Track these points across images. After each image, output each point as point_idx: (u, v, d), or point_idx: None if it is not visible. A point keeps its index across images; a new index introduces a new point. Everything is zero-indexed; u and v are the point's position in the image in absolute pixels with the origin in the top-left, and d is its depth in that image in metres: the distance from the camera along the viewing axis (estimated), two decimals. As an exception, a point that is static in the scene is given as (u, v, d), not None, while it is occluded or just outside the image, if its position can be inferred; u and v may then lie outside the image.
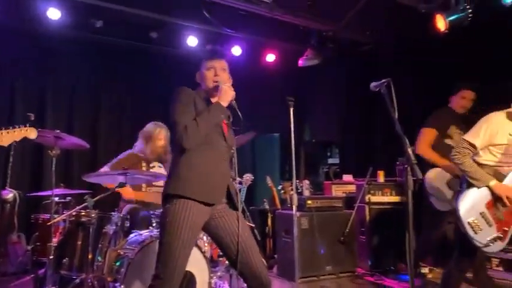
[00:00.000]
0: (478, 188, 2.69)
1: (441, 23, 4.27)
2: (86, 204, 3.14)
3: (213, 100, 2.33)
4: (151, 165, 3.85)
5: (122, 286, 2.76)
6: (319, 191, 5.32)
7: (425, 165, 3.73)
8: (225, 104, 2.29)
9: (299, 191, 4.76)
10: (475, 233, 2.64)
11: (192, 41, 5.52)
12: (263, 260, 2.41)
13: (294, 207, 2.97)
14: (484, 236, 2.64)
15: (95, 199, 3.16)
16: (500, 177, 2.70)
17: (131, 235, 3.14)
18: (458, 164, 2.71)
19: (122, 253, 3.00)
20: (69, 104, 5.56)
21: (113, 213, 3.26)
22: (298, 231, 3.47)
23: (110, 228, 3.17)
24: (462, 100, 3.87)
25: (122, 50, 5.67)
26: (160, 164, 3.89)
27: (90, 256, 3.05)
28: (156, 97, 5.66)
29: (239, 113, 2.32)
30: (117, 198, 3.72)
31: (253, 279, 2.25)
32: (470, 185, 2.70)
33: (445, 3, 4.33)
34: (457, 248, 2.82)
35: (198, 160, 2.22)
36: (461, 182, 2.80)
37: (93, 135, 5.55)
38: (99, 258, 3.10)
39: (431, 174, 3.73)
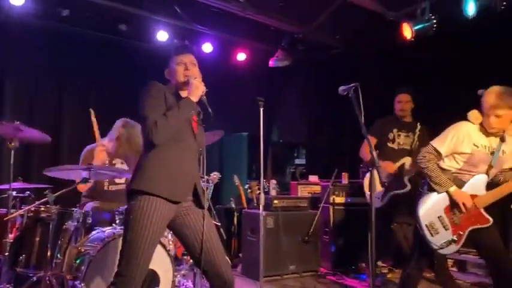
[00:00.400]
0: (438, 193, 2.79)
1: (407, 31, 4.46)
2: (46, 199, 3.02)
3: (183, 95, 2.30)
4: (113, 161, 3.75)
5: (82, 284, 2.68)
6: (286, 191, 5.37)
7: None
8: (195, 99, 2.26)
9: (266, 190, 4.78)
10: (432, 235, 2.75)
11: (162, 35, 5.42)
12: (227, 258, 2.41)
13: (261, 207, 2.99)
14: (440, 238, 2.75)
15: (56, 194, 3.05)
16: (460, 183, 2.80)
17: (93, 232, 3.05)
18: (423, 168, 2.80)
19: (82, 250, 2.91)
20: (31, 96, 5.34)
21: (74, 209, 3.15)
22: (264, 231, 3.49)
23: (71, 225, 3.07)
24: (398, 104, 4.16)
25: (89, 41, 5.49)
26: (122, 161, 3.80)
27: (49, 253, 2.94)
28: (124, 91, 5.52)
29: (209, 109, 2.30)
30: (79, 193, 3.61)
31: (217, 278, 2.25)
32: (431, 189, 2.81)
33: (412, 12, 4.50)
34: (416, 247, 2.92)
35: (166, 156, 2.19)
36: (422, 185, 2.90)
37: (55, 128, 5.36)
38: (59, 256, 2.99)
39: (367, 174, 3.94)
